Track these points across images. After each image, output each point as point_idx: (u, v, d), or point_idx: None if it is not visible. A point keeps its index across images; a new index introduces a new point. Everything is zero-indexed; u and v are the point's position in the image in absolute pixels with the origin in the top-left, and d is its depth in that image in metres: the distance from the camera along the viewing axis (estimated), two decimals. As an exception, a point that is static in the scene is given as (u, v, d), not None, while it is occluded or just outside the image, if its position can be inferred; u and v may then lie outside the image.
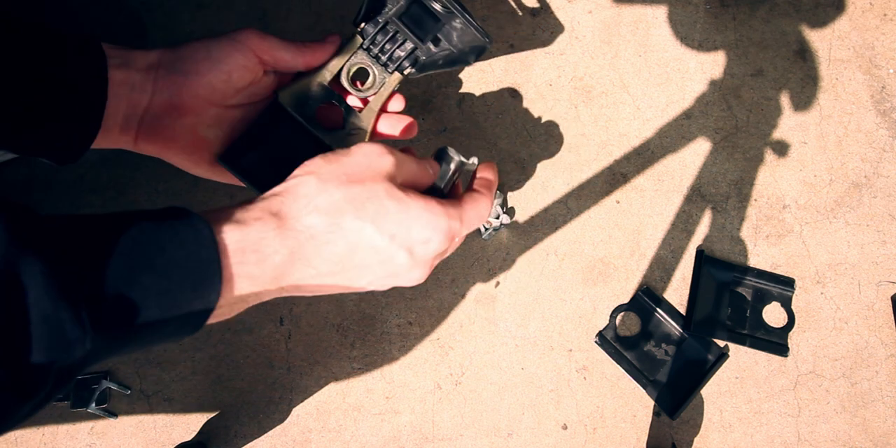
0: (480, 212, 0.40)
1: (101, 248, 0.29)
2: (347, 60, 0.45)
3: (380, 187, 0.35)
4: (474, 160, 0.44)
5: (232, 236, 0.32)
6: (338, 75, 0.46)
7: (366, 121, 0.46)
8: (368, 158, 0.37)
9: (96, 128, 0.41)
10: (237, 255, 0.32)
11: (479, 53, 0.47)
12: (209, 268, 0.31)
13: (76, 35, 0.41)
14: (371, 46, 0.45)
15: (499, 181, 0.81)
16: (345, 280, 0.36)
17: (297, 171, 0.36)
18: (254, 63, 0.44)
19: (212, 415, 0.75)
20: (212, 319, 0.33)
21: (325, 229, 0.34)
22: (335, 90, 0.46)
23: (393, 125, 0.48)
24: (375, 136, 0.48)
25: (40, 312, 0.26)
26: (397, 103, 0.48)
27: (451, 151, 0.42)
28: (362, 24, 0.45)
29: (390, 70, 0.46)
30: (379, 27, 0.45)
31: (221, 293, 0.32)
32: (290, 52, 0.44)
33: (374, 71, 0.46)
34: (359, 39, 0.45)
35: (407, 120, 0.48)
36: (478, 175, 0.44)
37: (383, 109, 0.47)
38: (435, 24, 0.45)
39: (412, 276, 0.38)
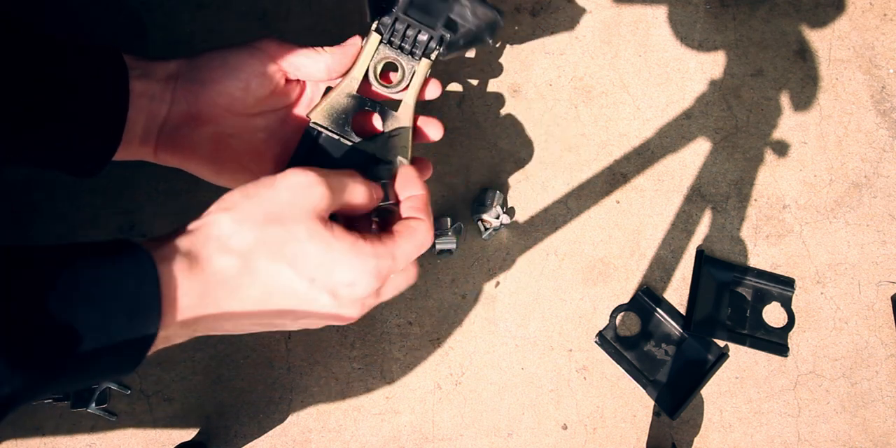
0: (419, 241, 0.37)
1: (38, 282, 0.27)
2: (371, 59, 0.44)
3: (301, 228, 0.33)
4: (400, 159, 0.43)
5: None
6: (364, 79, 0.44)
7: (404, 119, 0.44)
8: (292, 192, 0.33)
9: (117, 139, 0.41)
10: None
11: (494, 30, 0.46)
12: (151, 302, 0.29)
13: (98, 45, 0.40)
14: (392, 38, 0.44)
15: (500, 181, 0.81)
16: (264, 323, 0.34)
17: (212, 208, 0.34)
18: (273, 71, 0.43)
19: (212, 415, 0.75)
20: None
21: (238, 273, 0.32)
22: (366, 95, 0.44)
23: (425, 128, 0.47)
24: (417, 134, 0.46)
25: None
26: (434, 89, 0.47)
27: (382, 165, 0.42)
28: (377, 20, 0.44)
29: (417, 56, 0.45)
30: (395, 17, 0.44)
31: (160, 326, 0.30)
32: (312, 58, 0.43)
33: (402, 62, 0.45)
34: (376, 36, 0.44)
35: (433, 122, 0.47)
36: (404, 196, 0.41)
37: (420, 98, 0.46)
38: (444, 5, 0.44)
39: (341, 313, 0.35)
